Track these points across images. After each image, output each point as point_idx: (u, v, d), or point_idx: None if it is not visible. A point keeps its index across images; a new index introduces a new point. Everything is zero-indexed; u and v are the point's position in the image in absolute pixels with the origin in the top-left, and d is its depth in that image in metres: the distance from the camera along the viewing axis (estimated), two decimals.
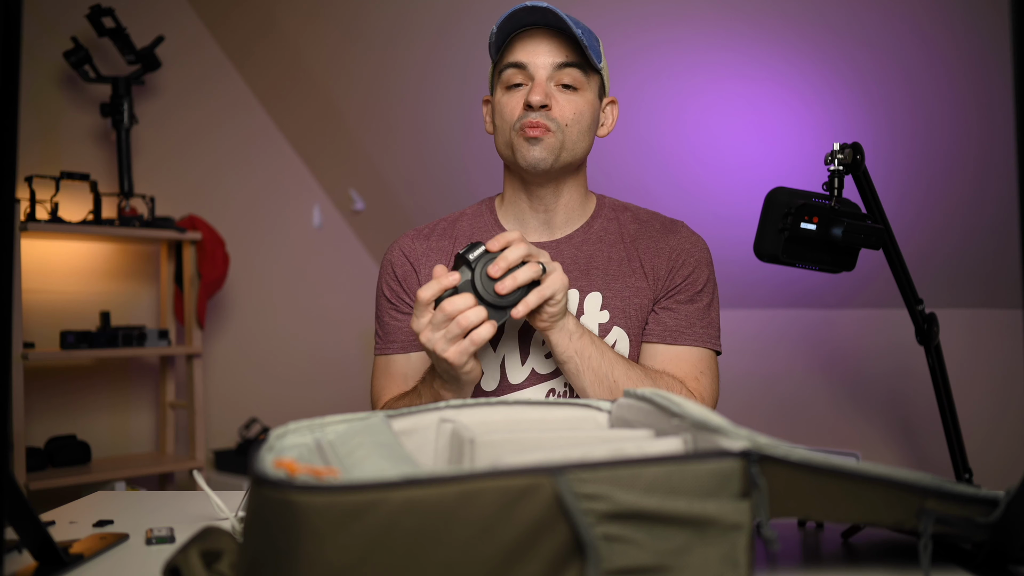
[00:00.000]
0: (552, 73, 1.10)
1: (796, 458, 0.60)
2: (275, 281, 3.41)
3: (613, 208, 1.24)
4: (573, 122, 1.11)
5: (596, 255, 1.18)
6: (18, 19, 0.57)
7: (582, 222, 1.21)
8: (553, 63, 1.10)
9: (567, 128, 1.11)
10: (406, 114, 3.00)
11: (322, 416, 0.74)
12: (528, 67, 1.10)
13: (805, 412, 2.58)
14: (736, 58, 2.15)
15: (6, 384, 0.59)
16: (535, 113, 1.09)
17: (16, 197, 0.76)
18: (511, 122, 1.12)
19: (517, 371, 1.14)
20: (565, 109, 1.10)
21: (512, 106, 1.12)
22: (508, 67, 1.12)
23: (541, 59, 1.10)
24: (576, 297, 1.16)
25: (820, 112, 2.16)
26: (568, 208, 1.19)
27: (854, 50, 1.99)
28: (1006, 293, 2.15)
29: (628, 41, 2.24)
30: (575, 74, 1.11)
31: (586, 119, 1.13)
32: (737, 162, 2.36)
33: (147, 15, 2.97)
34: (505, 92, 1.13)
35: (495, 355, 1.14)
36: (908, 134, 2.06)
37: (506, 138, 1.13)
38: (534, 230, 1.20)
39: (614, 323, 1.15)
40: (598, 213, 1.22)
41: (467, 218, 1.25)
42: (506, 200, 1.23)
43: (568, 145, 1.12)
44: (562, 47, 1.10)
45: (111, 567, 0.76)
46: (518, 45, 1.11)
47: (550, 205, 1.18)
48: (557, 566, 0.54)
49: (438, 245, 1.22)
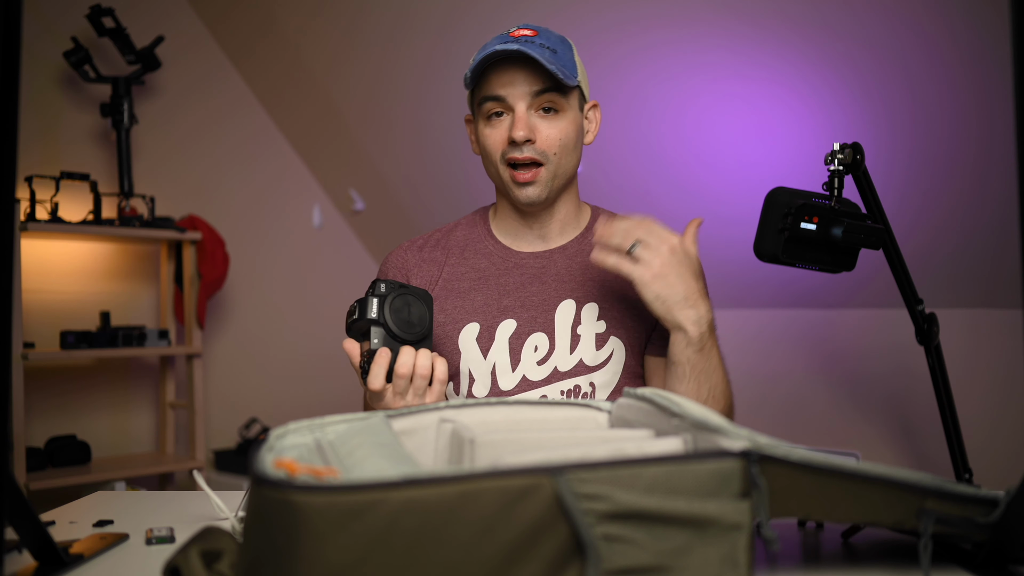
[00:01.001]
0: (531, 102, 1.09)
1: (796, 458, 0.60)
2: (275, 281, 3.41)
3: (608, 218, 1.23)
4: (560, 148, 1.11)
5: (591, 266, 1.17)
6: (18, 19, 0.57)
7: (577, 232, 1.21)
8: (531, 91, 1.09)
9: (556, 156, 1.11)
10: (406, 114, 3.00)
11: (322, 416, 0.74)
12: (506, 99, 1.10)
13: (805, 412, 2.58)
14: (736, 58, 2.15)
15: (6, 384, 0.59)
16: (520, 148, 1.09)
17: (16, 197, 0.76)
18: (496, 155, 1.12)
19: (507, 377, 1.14)
20: (550, 137, 1.10)
21: (495, 139, 1.11)
22: (487, 100, 1.11)
23: (518, 89, 1.09)
24: (573, 307, 1.16)
25: (820, 112, 2.16)
26: (563, 222, 1.20)
27: (854, 50, 1.99)
28: (1006, 293, 2.15)
29: (628, 41, 2.24)
30: (554, 97, 1.10)
31: (571, 139, 1.13)
32: (737, 162, 2.36)
33: (147, 15, 2.97)
34: (487, 123, 1.13)
35: (485, 362, 1.14)
36: (908, 134, 2.06)
37: (495, 169, 1.14)
38: (528, 244, 1.20)
39: (611, 333, 1.15)
40: (593, 224, 1.22)
41: (462, 229, 1.25)
42: (499, 214, 1.23)
43: (559, 171, 1.13)
44: (538, 74, 1.09)
45: (111, 567, 0.76)
46: (494, 77, 1.10)
47: (544, 221, 1.19)
48: (557, 566, 0.54)
49: (431, 256, 1.22)
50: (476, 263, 1.20)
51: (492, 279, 1.18)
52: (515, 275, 1.18)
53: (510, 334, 1.15)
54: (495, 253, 1.20)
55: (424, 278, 1.20)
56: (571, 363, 1.13)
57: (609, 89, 2.37)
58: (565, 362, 1.13)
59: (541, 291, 1.16)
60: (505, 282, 1.17)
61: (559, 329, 1.15)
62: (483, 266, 1.19)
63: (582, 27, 2.25)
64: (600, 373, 1.14)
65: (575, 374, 1.13)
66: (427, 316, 1.01)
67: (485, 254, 1.21)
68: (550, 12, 2.28)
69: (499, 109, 1.11)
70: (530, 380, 1.13)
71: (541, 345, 1.14)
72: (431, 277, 1.20)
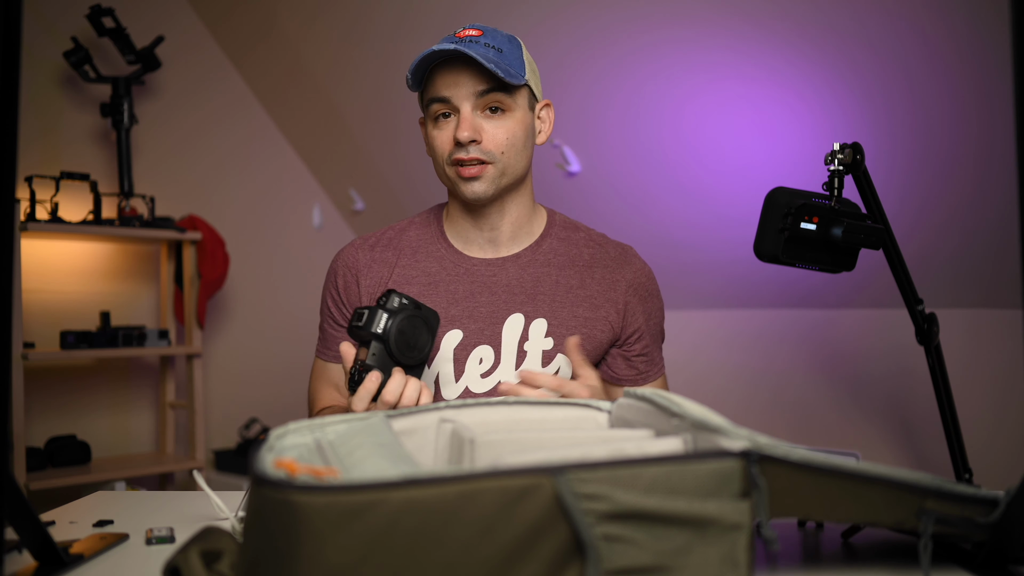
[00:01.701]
0: (476, 102, 1.09)
1: (796, 458, 0.60)
2: (275, 281, 3.41)
3: (564, 227, 1.22)
4: (508, 147, 1.10)
5: (544, 278, 1.16)
6: (18, 19, 0.57)
7: (530, 241, 1.19)
8: (475, 91, 1.08)
9: (503, 155, 1.10)
10: (406, 114, 3.00)
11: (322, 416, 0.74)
12: (451, 100, 1.09)
13: (805, 412, 2.58)
14: (736, 58, 2.15)
15: (6, 384, 0.59)
16: (465, 149, 1.08)
17: (16, 197, 0.76)
18: (443, 156, 1.11)
19: (451, 388, 1.13)
20: (497, 137, 1.09)
21: (442, 140, 1.11)
22: (433, 101, 1.11)
23: (463, 90, 1.08)
24: (521, 322, 1.14)
25: (820, 112, 2.16)
26: (514, 225, 1.18)
27: (854, 50, 1.99)
28: (1006, 293, 2.15)
29: (628, 41, 2.24)
30: (500, 97, 1.09)
31: (519, 139, 1.11)
32: (737, 162, 2.36)
33: (147, 15, 2.97)
34: (434, 125, 1.12)
35: (429, 370, 1.13)
36: (908, 134, 2.06)
37: (441, 170, 1.13)
38: (479, 248, 1.18)
39: (559, 351, 1.14)
40: (548, 232, 1.21)
41: (415, 228, 1.23)
42: (451, 216, 1.21)
43: (508, 170, 1.11)
44: (481, 75, 1.08)
45: (111, 567, 0.76)
46: (438, 78, 1.10)
47: (496, 223, 1.17)
48: (557, 566, 0.54)
49: (382, 256, 1.20)
50: (427, 266, 1.18)
51: (442, 285, 1.16)
52: (465, 282, 1.16)
53: (455, 345, 1.13)
54: (447, 257, 1.18)
55: (374, 279, 1.18)
56: (515, 379, 1.12)
57: (609, 89, 2.37)
58: (509, 377, 1.12)
59: (490, 302, 1.15)
60: (455, 289, 1.16)
61: (505, 343, 1.13)
62: (434, 270, 1.18)
63: (582, 27, 2.25)
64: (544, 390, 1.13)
65: None
66: (429, 344, 1.00)
67: (437, 257, 1.19)
68: (550, 12, 2.28)
69: (445, 110, 1.10)
70: (473, 392, 1.13)
71: (486, 358, 1.13)
72: (380, 278, 1.18)
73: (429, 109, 1.12)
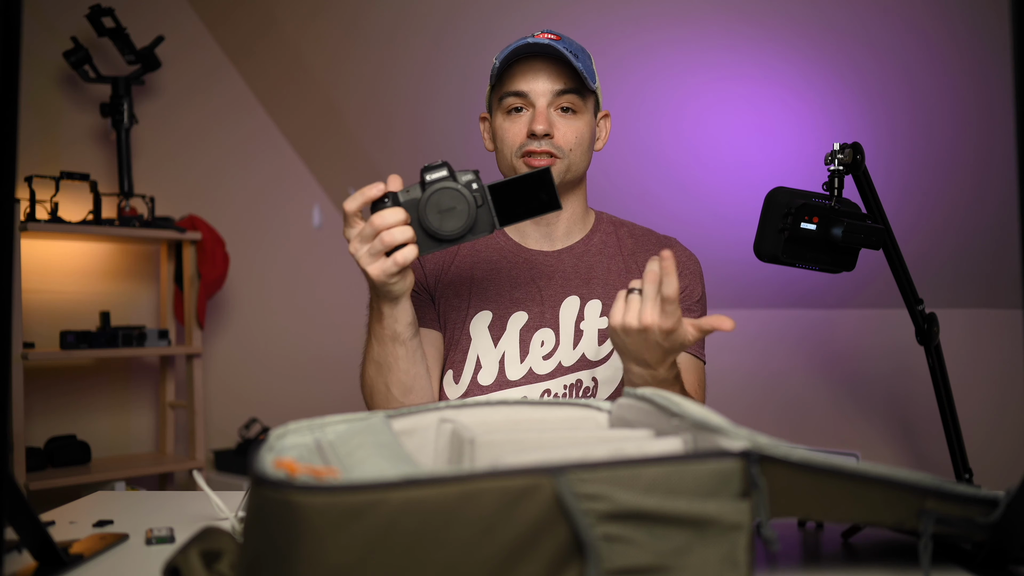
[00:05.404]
0: (552, 100, 1.13)
1: (796, 458, 0.60)
2: (275, 281, 3.41)
3: (611, 223, 1.28)
4: (576, 145, 1.15)
5: (596, 266, 1.22)
6: (18, 19, 0.57)
7: (582, 235, 1.25)
8: (553, 90, 1.13)
9: (571, 152, 1.15)
10: (406, 113, 3.00)
11: (322, 416, 0.74)
12: (529, 95, 1.14)
13: (805, 412, 2.58)
14: (736, 58, 2.15)
15: (6, 384, 0.59)
16: (538, 141, 1.13)
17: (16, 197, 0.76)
18: (513, 148, 1.15)
19: (515, 368, 1.16)
20: (567, 134, 1.14)
21: (514, 132, 1.15)
22: (509, 95, 1.15)
23: (541, 86, 1.13)
24: (577, 303, 1.19)
25: (820, 112, 2.16)
26: (569, 222, 1.23)
27: (854, 50, 1.99)
28: (1006, 293, 2.15)
29: (628, 41, 2.24)
30: (574, 99, 1.15)
31: (586, 140, 1.17)
32: (737, 162, 2.36)
33: (147, 15, 2.97)
34: (506, 117, 1.16)
35: (495, 350, 1.17)
36: (908, 134, 2.06)
37: (508, 162, 1.17)
38: (535, 241, 1.24)
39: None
40: (597, 227, 1.26)
41: None
42: None
43: (572, 168, 1.16)
44: (561, 74, 1.13)
45: (111, 567, 0.76)
46: (518, 73, 1.14)
47: (551, 219, 1.22)
48: (557, 566, 0.54)
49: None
50: (487, 255, 1.23)
51: (504, 271, 1.21)
52: (525, 270, 1.21)
53: (521, 326, 1.17)
54: (506, 248, 1.23)
55: (434, 264, 1.23)
56: (574, 358, 1.16)
57: (609, 89, 2.37)
58: (569, 357, 1.16)
59: (548, 287, 1.20)
60: (516, 275, 1.21)
61: (563, 324, 1.18)
62: (494, 259, 1.23)
63: (582, 27, 2.25)
64: (602, 369, 1.16)
65: (578, 369, 1.16)
66: (458, 229, 0.92)
67: (496, 248, 1.24)
68: (550, 12, 2.28)
69: (519, 104, 1.15)
70: (536, 373, 1.16)
71: (547, 340, 1.17)
72: (443, 263, 1.23)
73: (503, 102, 1.16)
